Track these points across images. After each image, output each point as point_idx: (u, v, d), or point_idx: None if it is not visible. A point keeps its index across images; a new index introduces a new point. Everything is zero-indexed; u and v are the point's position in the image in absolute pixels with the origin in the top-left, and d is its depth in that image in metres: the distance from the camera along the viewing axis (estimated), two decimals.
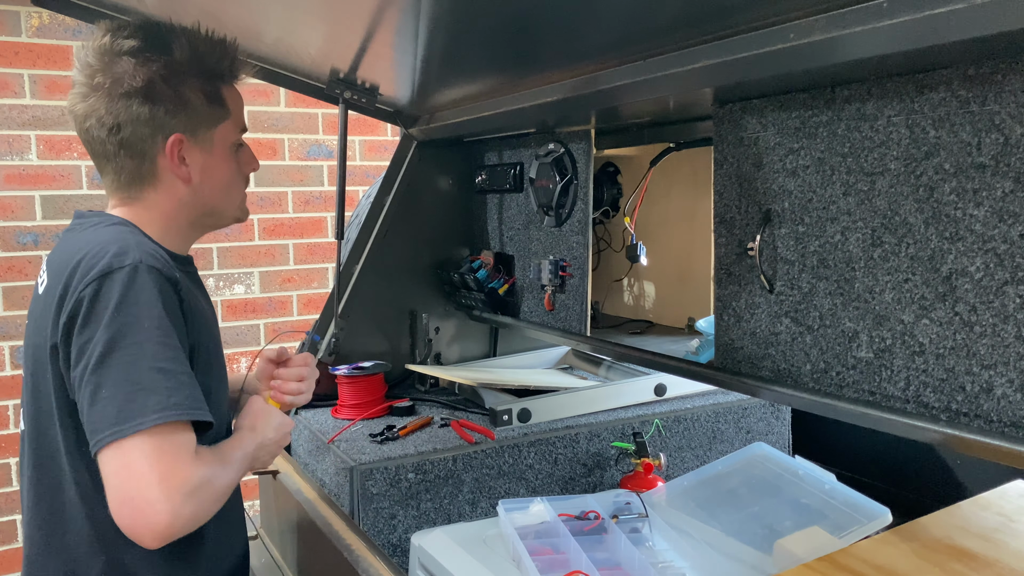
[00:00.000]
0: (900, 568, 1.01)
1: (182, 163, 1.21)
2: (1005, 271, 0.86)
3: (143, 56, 1.17)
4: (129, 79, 1.16)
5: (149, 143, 1.19)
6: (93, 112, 1.18)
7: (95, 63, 1.18)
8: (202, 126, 1.22)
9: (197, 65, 1.21)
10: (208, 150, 1.24)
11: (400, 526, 1.59)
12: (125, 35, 1.18)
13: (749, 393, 1.21)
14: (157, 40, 1.19)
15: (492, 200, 2.01)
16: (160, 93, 1.17)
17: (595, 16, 1.14)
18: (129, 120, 1.17)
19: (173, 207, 1.23)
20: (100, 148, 1.20)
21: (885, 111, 0.97)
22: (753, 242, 1.16)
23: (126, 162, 1.20)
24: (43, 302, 1.14)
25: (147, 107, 1.17)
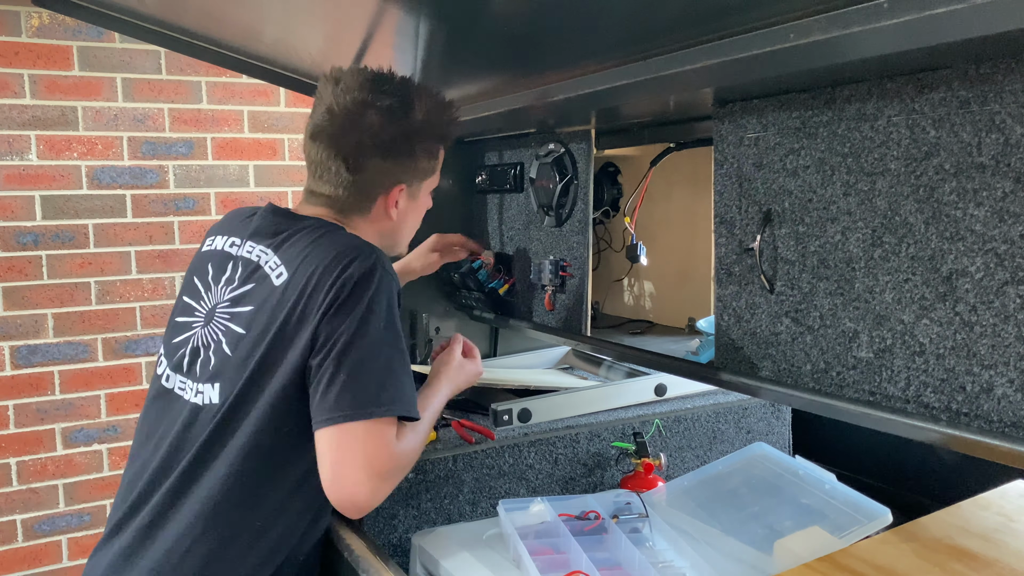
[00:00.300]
0: (900, 568, 1.01)
1: (395, 207, 1.40)
2: (1005, 271, 0.86)
3: (394, 115, 1.33)
4: (380, 134, 1.33)
5: (377, 188, 1.37)
6: (339, 149, 1.33)
7: (352, 107, 1.32)
8: (417, 179, 1.42)
9: (429, 128, 1.38)
10: (415, 198, 1.45)
11: (400, 526, 1.59)
12: (383, 90, 1.33)
13: (749, 393, 1.21)
14: (406, 100, 1.35)
15: (492, 200, 2.01)
16: (400, 149, 1.36)
17: (595, 16, 1.14)
18: (370, 167, 1.34)
19: (372, 234, 1.38)
20: (332, 177, 1.36)
21: (885, 111, 0.97)
22: (753, 242, 1.16)
23: (351, 195, 1.36)
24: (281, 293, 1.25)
25: (388, 161, 1.35)
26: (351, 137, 1.32)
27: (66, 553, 3.12)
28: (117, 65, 3.09)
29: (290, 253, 1.29)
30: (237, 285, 1.32)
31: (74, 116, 3.04)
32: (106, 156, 3.10)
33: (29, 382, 3.03)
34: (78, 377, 3.10)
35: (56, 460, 3.08)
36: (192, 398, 1.29)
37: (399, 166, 1.37)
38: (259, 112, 3.33)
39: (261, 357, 1.23)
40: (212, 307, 1.34)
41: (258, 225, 1.38)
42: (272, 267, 1.29)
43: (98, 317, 3.12)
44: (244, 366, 1.24)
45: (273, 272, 1.28)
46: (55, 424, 3.07)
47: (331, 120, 1.33)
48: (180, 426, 1.29)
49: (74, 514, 3.12)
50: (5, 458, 3.00)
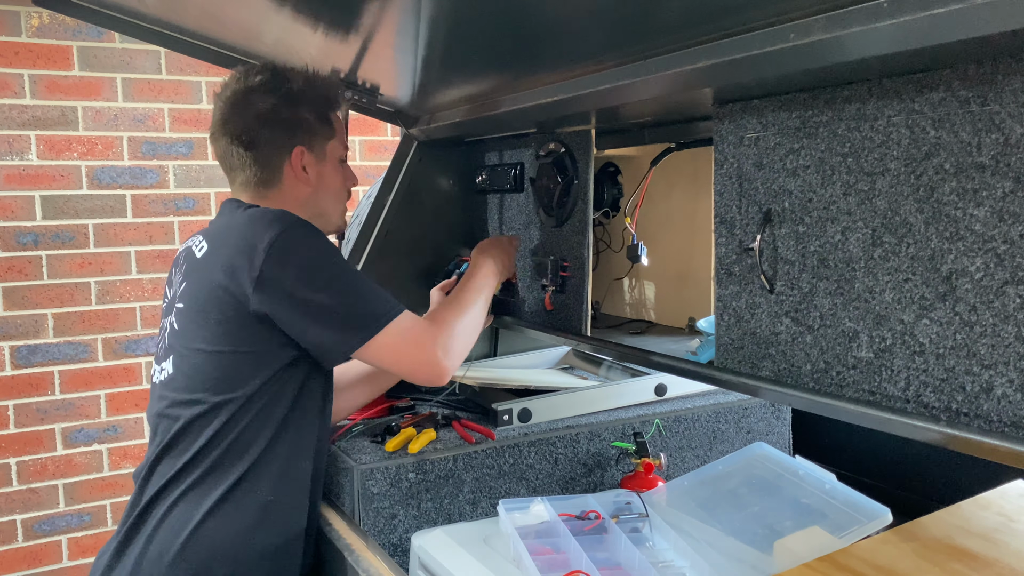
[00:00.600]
0: (900, 568, 1.01)
1: (304, 171, 1.48)
2: (1005, 271, 0.86)
3: (269, 87, 1.45)
4: (260, 106, 1.44)
5: (278, 155, 1.46)
6: (232, 134, 1.45)
7: (232, 97, 1.45)
8: (317, 141, 1.50)
9: (310, 92, 1.49)
10: (322, 161, 1.51)
11: (400, 526, 1.59)
12: (255, 73, 1.47)
13: (749, 393, 1.21)
14: (279, 76, 1.47)
15: (492, 200, 2.01)
16: (284, 116, 1.45)
17: (595, 16, 1.14)
18: (262, 139, 1.44)
19: (293, 205, 1.46)
20: (237, 162, 1.47)
21: (885, 111, 0.97)
22: (753, 242, 1.16)
23: (259, 171, 1.46)
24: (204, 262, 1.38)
25: (277, 128, 1.45)
26: (237, 119, 1.44)
27: (66, 553, 3.12)
28: (117, 65, 3.09)
29: (212, 230, 1.45)
30: (182, 269, 1.45)
31: (74, 116, 3.04)
32: (106, 156, 3.10)
33: (29, 382, 3.03)
34: (78, 377, 3.11)
35: (56, 460, 3.09)
36: (159, 377, 1.41)
37: (289, 130, 1.45)
38: None
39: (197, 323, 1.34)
40: (171, 299, 1.47)
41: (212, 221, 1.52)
42: (197, 245, 1.43)
43: (98, 317, 3.12)
44: (185, 333, 1.37)
45: (197, 249, 1.42)
46: (55, 424, 3.07)
47: (220, 110, 1.46)
48: (154, 405, 1.41)
49: (74, 514, 3.12)
50: (5, 458, 3.00)
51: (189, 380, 1.34)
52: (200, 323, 1.34)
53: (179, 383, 1.36)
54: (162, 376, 1.40)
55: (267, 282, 1.28)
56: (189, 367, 1.35)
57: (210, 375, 1.33)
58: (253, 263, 1.28)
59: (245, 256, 1.29)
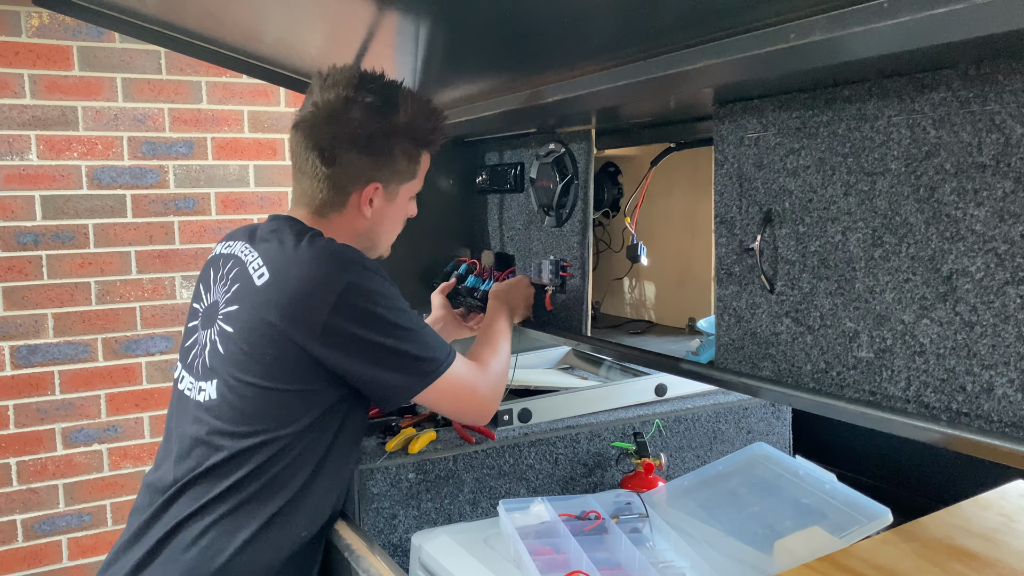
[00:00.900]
0: (900, 568, 1.01)
1: (369, 205, 1.42)
2: (1006, 271, 0.86)
3: (376, 112, 1.36)
4: (358, 129, 1.35)
5: (351, 183, 1.39)
6: (316, 141, 1.36)
7: (335, 102, 1.35)
8: (395, 180, 1.43)
9: (411, 130, 1.40)
10: (392, 200, 1.45)
11: (400, 526, 1.59)
12: (368, 88, 1.37)
13: (749, 393, 1.21)
14: (390, 102, 1.38)
15: (492, 200, 2.01)
16: (377, 146, 1.38)
17: (595, 16, 1.14)
18: (345, 161, 1.37)
19: (347, 236, 1.42)
20: (309, 169, 1.39)
21: (885, 111, 0.97)
22: (753, 242, 1.16)
23: (326, 190, 1.39)
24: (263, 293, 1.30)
25: (364, 156, 1.37)
26: (328, 130, 1.35)
27: (66, 553, 3.12)
28: (117, 65, 3.09)
29: (272, 254, 1.33)
30: (228, 285, 1.36)
31: (74, 116, 3.04)
32: (106, 156, 3.10)
33: (29, 382, 3.03)
34: (78, 377, 3.10)
35: (56, 460, 3.08)
36: (196, 396, 1.34)
37: (375, 163, 1.38)
38: (259, 112, 3.33)
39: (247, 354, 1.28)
40: (211, 308, 1.38)
41: (254, 230, 1.44)
42: (255, 267, 1.33)
43: (98, 317, 3.12)
44: (235, 363, 1.29)
45: (255, 273, 1.32)
46: (55, 424, 3.07)
47: (314, 113, 1.36)
48: (187, 424, 1.34)
49: (74, 514, 3.12)
50: (5, 458, 3.00)
51: (238, 413, 1.29)
52: (253, 357, 1.28)
53: (225, 413, 1.29)
54: (201, 397, 1.34)
55: (332, 334, 1.25)
56: (238, 399, 1.29)
57: (262, 410, 1.28)
58: (318, 314, 1.24)
59: (309, 305, 1.25)
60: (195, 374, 1.37)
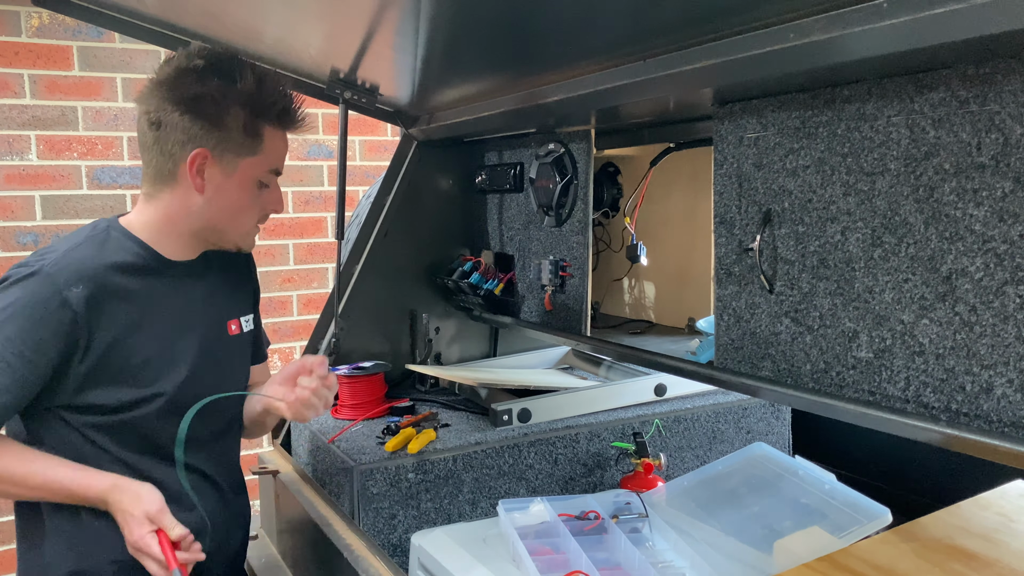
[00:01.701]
0: (900, 568, 1.01)
1: (198, 175, 1.29)
2: (1005, 271, 0.86)
3: (203, 74, 1.28)
4: (185, 90, 1.27)
5: (177, 148, 1.28)
6: (147, 107, 1.29)
7: (169, 72, 1.29)
8: (229, 151, 1.30)
9: (248, 98, 1.30)
10: (228, 174, 1.32)
11: (400, 526, 1.59)
12: (200, 55, 1.29)
13: (749, 393, 1.21)
14: (224, 67, 1.29)
15: (492, 200, 2.01)
16: (204, 110, 1.27)
17: (595, 16, 1.14)
18: (169, 123, 1.27)
19: (180, 213, 1.32)
20: (141, 139, 1.32)
21: (885, 111, 0.97)
22: (753, 242, 1.16)
23: (155, 157, 1.30)
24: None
25: (188, 117, 1.27)
26: (157, 94, 1.28)
27: None
28: (117, 65, 3.09)
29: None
30: None
31: (74, 116, 3.04)
32: (106, 156, 3.10)
33: None
34: None
35: None
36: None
37: (201, 127, 1.27)
38: None
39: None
40: None
41: None
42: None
43: None
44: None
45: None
46: None
47: (147, 85, 1.30)
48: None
49: None
50: None
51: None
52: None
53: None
54: None
55: None
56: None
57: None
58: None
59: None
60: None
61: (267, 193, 1.37)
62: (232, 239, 1.38)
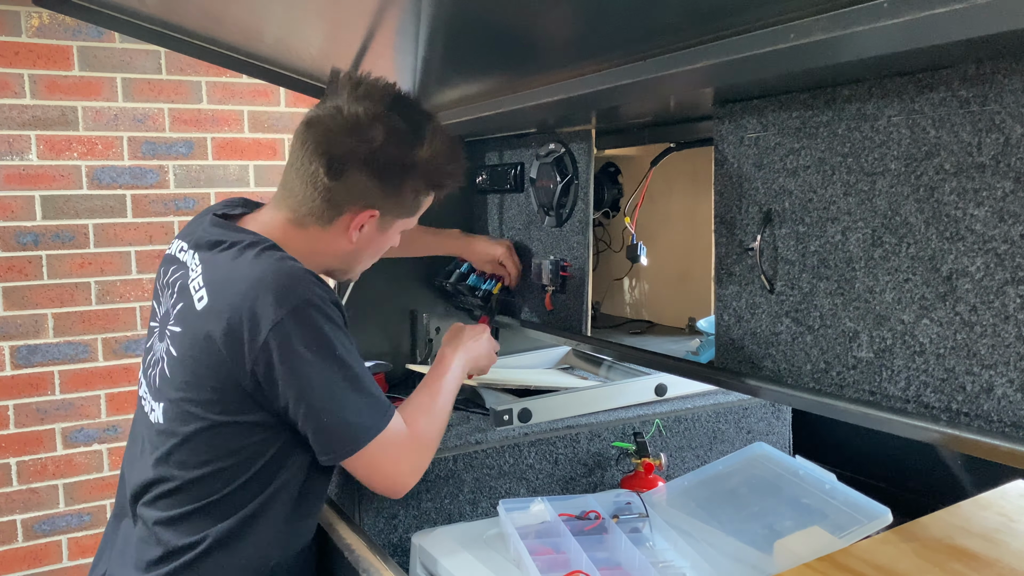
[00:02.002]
0: (900, 568, 1.01)
1: (359, 230, 1.30)
2: (1005, 271, 0.86)
3: (400, 140, 1.26)
4: (377, 150, 1.24)
5: (348, 201, 1.27)
6: (331, 149, 1.24)
7: (363, 116, 1.24)
8: (393, 214, 1.33)
9: (429, 169, 1.30)
10: (383, 232, 1.34)
11: (401, 526, 1.59)
12: (401, 110, 1.27)
13: (749, 393, 1.21)
14: (418, 131, 1.28)
15: (492, 200, 2.01)
16: (388, 176, 1.27)
17: (595, 16, 1.14)
18: (351, 179, 1.25)
19: (325, 255, 1.32)
20: (308, 175, 1.27)
21: (885, 111, 0.97)
22: (753, 242, 1.16)
23: (319, 201, 1.27)
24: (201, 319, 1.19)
25: (372, 181, 1.26)
26: (346, 141, 1.24)
27: (66, 553, 3.12)
28: (117, 65, 3.09)
29: (213, 273, 1.23)
30: (175, 300, 1.27)
31: (74, 116, 3.04)
32: (106, 156, 3.10)
33: (29, 382, 3.03)
34: (78, 377, 3.11)
35: (56, 460, 3.09)
36: (149, 413, 1.29)
37: (381, 191, 1.28)
38: (259, 112, 3.33)
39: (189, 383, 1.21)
40: (163, 318, 1.30)
41: (200, 234, 1.32)
42: (196, 287, 1.23)
43: (98, 317, 3.12)
44: (177, 389, 1.22)
45: (196, 294, 1.22)
46: (55, 424, 3.07)
47: (334, 118, 1.25)
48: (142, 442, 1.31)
49: (74, 514, 3.12)
50: (5, 458, 3.00)
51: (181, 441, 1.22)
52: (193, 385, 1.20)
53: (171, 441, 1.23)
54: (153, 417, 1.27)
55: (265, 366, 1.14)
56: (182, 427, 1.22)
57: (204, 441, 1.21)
58: (252, 344, 1.13)
59: (243, 334, 1.14)
60: (151, 389, 1.30)
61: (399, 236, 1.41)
62: (351, 275, 1.42)
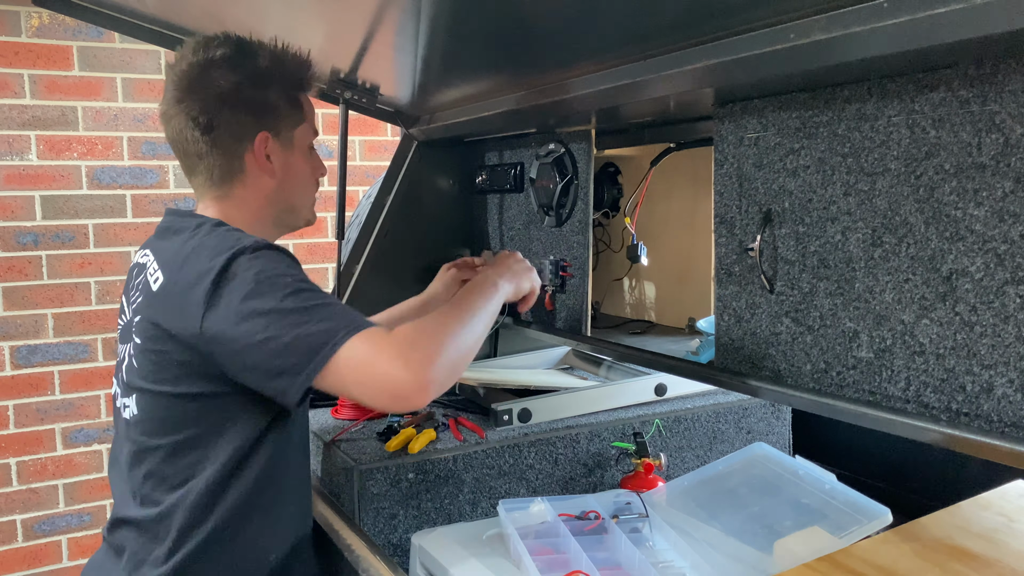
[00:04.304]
0: (900, 568, 1.01)
1: (267, 160, 1.32)
2: (1005, 271, 0.86)
3: (233, 63, 1.28)
4: (222, 82, 1.27)
5: (238, 142, 1.29)
6: (187, 114, 1.27)
7: (189, 71, 1.28)
8: (284, 127, 1.34)
9: (277, 72, 1.32)
10: (289, 149, 1.35)
11: (400, 526, 1.59)
12: (216, 45, 1.29)
13: (749, 393, 1.21)
14: (244, 51, 1.30)
15: (492, 200, 2.01)
16: (248, 97, 1.29)
17: (595, 16, 1.14)
18: (221, 121, 1.27)
19: (260, 203, 1.34)
20: (193, 147, 1.30)
21: (885, 111, 0.97)
22: (753, 242, 1.16)
23: (218, 159, 1.30)
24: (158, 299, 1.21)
25: (239, 109, 1.28)
26: (195, 97, 1.26)
27: (66, 553, 3.12)
28: (117, 65, 3.09)
29: (166, 255, 1.24)
30: (136, 296, 1.28)
31: (74, 116, 3.04)
32: (106, 156, 3.10)
33: (29, 382, 3.03)
34: (78, 377, 3.11)
35: (56, 460, 3.08)
36: (124, 413, 1.31)
37: (253, 113, 1.29)
38: None
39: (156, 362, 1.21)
40: (128, 320, 1.31)
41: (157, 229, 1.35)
42: (152, 272, 1.25)
43: (98, 317, 3.12)
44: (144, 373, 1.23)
45: (152, 277, 1.24)
46: (55, 424, 3.07)
47: (173, 94, 1.28)
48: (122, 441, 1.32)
49: (74, 514, 3.12)
50: (5, 458, 3.00)
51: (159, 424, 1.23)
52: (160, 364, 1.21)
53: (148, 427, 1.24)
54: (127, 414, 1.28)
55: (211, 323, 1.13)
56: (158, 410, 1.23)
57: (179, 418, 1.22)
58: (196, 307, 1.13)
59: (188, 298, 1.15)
60: (121, 387, 1.31)
61: (314, 157, 1.42)
62: (303, 215, 1.42)
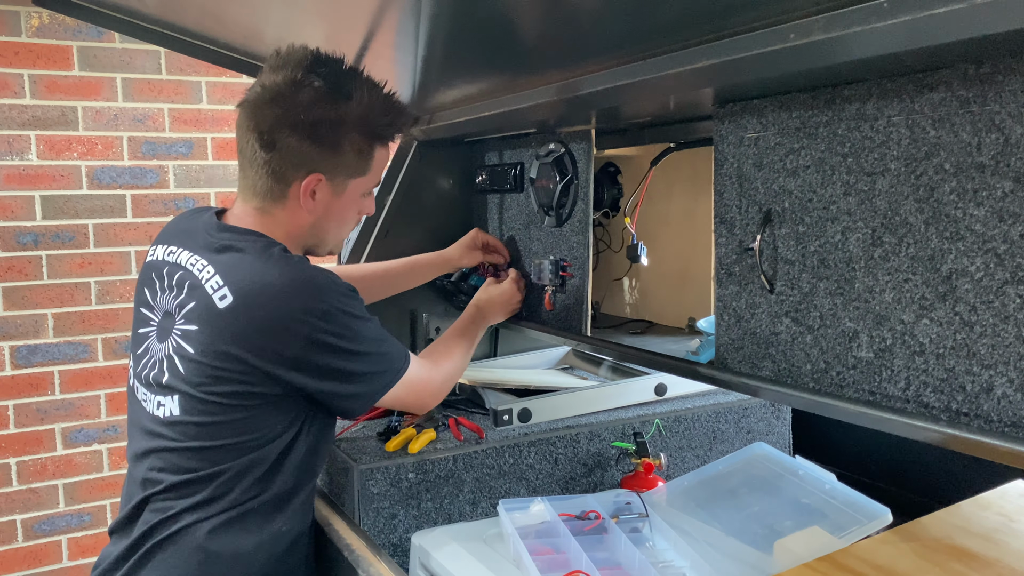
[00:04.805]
0: (900, 568, 1.01)
1: (311, 197, 1.32)
2: (1005, 271, 0.86)
3: (323, 100, 1.26)
4: (303, 112, 1.25)
5: (290, 170, 1.29)
6: (260, 123, 1.27)
7: (282, 84, 1.26)
8: (342, 174, 1.33)
9: (364, 122, 1.31)
10: (339, 194, 1.35)
11: (400, 526, 1.59)
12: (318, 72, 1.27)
13: (749, 393, 1.21)
14: (340, 89, 1.28)
15: (492, 200, 2.01)
16: (321, 135, 1.27)
17: (595, 16, 1.14)
18: (284, 147, 1.27)
19: (293, 230, 1.34)
20: (248, 153, 1.30)
21: (885, 111, 0.97)
22: (753, 242, 1.16)
23: (267, 178, 1.30)
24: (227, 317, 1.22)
25: (306, 143, 1.27)
26: (271, 112, 1.26)
27: (66, 553, 3.12)
28: (117, 65, 3.09)
29: (233, 274, 1.24)
30: (181, 300, 1.28)
31: (74, 116, 3.04)
32: (106, 156, 3.10)
33: (29, 382, 3.03)
34: (78, 377, 3.11)
35: (56, 460, 3.09)
36: (154, 410, 1.30)
37: (318, 152, 1.28)
38: None
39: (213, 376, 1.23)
40: (165, 320, 1.31)
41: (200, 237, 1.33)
42: (214, 286, 1.24)
43: (98, 317, 3.12)
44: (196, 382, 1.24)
45: (215, 293, 1.23)
46: (55, 424, 3.07)
47: (259, 94, 1.28)
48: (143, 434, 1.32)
49: (74, 514, 3.12)
50: (5, 458, 3.00)
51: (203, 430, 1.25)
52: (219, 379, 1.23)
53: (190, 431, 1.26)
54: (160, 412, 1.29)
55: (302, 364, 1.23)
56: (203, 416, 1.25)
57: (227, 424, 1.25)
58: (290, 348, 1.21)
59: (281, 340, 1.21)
60: (149, 387, 1.31)
61: (365, 201, 1.42)
62: (329, 247, 1.43)
